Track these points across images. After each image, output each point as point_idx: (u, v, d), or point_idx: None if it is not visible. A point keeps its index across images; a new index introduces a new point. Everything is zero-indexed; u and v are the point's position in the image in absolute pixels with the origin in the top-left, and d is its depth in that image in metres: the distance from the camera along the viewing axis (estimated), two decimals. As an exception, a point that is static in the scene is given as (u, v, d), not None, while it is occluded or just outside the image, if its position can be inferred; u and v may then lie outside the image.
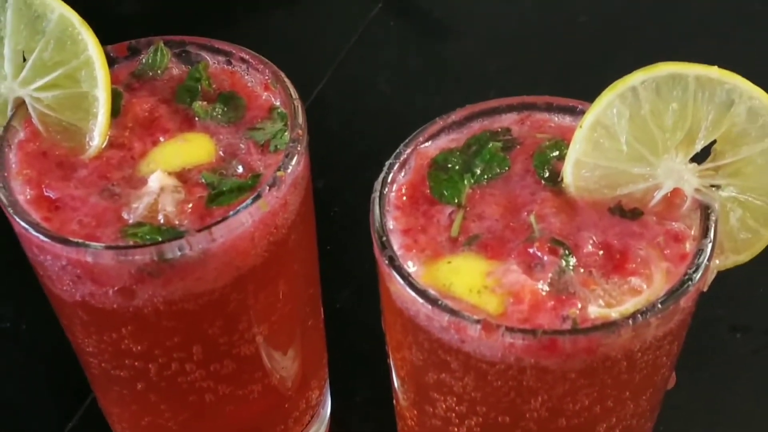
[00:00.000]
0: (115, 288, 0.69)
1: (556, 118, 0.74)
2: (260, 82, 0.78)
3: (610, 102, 0.66)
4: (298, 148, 0.72)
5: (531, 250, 0.65)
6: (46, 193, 0.71)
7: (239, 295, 0.73)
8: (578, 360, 0.62)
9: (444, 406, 0.69)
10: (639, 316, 0.61)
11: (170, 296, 0.70)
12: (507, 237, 0.67)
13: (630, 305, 0.63)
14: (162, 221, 0.70)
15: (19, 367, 1.03)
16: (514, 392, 0.65)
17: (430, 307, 0.63)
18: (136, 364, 0.76)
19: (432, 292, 0.63)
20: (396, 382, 0.76)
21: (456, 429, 0.70)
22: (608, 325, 0.61)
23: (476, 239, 0.67)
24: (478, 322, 0.61)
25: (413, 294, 0.63)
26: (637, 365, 0.65)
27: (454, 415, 0.69)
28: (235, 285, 0.72)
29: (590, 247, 0.65)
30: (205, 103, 0.77)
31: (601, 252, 0.65)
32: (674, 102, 0.65)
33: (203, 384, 0.78)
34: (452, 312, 0.62)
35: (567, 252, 0.65)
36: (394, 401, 0.79)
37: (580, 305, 0.63)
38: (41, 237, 0.68)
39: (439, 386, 0.68)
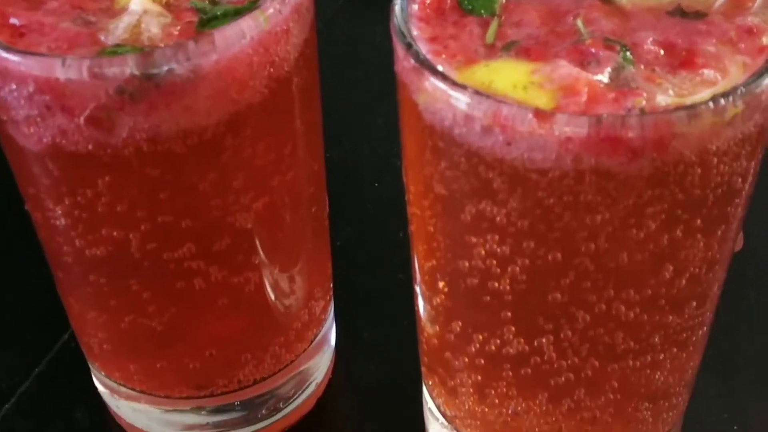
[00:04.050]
0: (90, 115, 0.58)
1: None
2: None
3: None
4: (303, -34, 0.63)
5: (582, 48, 0.55)
6: (9, 21, 0.61)
7: (234, 141, 0.62)
8: (646, 160, 0.52)
9: (483, 252, 0.58)
10: (721, 99, 0.51)
11: (154, 132, 0.59)
12: (551, 42, 0.57)
13: (706, 94, 0.53)
14: (146, 44, 0.59)
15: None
16: (569, 213, 0.54)
17: (468, 100, 0.52)
18: (115, 234, 0.64)
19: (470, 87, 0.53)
20: (416, 257, 0.66)
21: (497, 284, 0.59)
22: (685, 108, 0.51)
23: (515, 44, 0.57)
24: (528, 110, 0.51)
25: (449, 90, 0.53)
26: (711, 177, 0.54)
27: (495, 263, 0.58)
28: (230, 125, 0.61)
29: (650, 45, 0.56)
30: (191, -64, 0.67)
31: (662, 51, 0.56)
32: None
33: (192, 264, 0.67)
34: (497, 101, 0.52)
35: (624, 48, 0.55)
36: (415, 285, 0.68)
37: (645, 95, 0.53)
38: (5, 55, 0.57)
39: (478, 224, 0.57)
